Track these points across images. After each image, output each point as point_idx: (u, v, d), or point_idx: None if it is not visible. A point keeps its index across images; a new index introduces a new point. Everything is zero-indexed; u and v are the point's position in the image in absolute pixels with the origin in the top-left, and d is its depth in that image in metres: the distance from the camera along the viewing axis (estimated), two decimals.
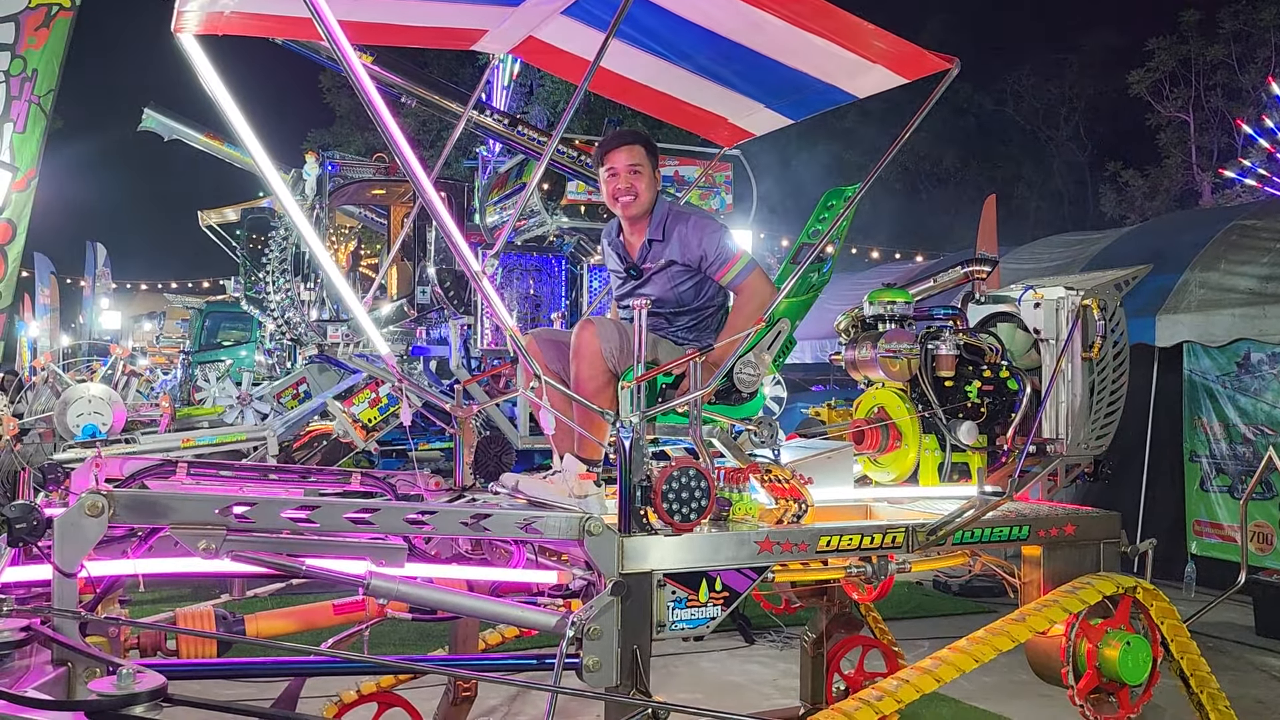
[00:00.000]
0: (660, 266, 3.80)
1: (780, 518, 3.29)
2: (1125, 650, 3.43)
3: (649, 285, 3.85)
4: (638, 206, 3.84)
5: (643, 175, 3.83)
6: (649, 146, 3.87)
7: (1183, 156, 24.51)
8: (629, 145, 3.83)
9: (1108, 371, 4.10)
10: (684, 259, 3.79)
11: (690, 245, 3.78)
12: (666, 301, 3.83)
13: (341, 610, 3.21)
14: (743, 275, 3.78)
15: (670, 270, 3.79)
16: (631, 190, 3.81)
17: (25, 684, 2.21)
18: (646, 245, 3.87)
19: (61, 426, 7.15)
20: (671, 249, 3.81)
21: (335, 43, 2.65)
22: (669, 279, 3.82)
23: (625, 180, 3.79)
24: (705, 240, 3.78)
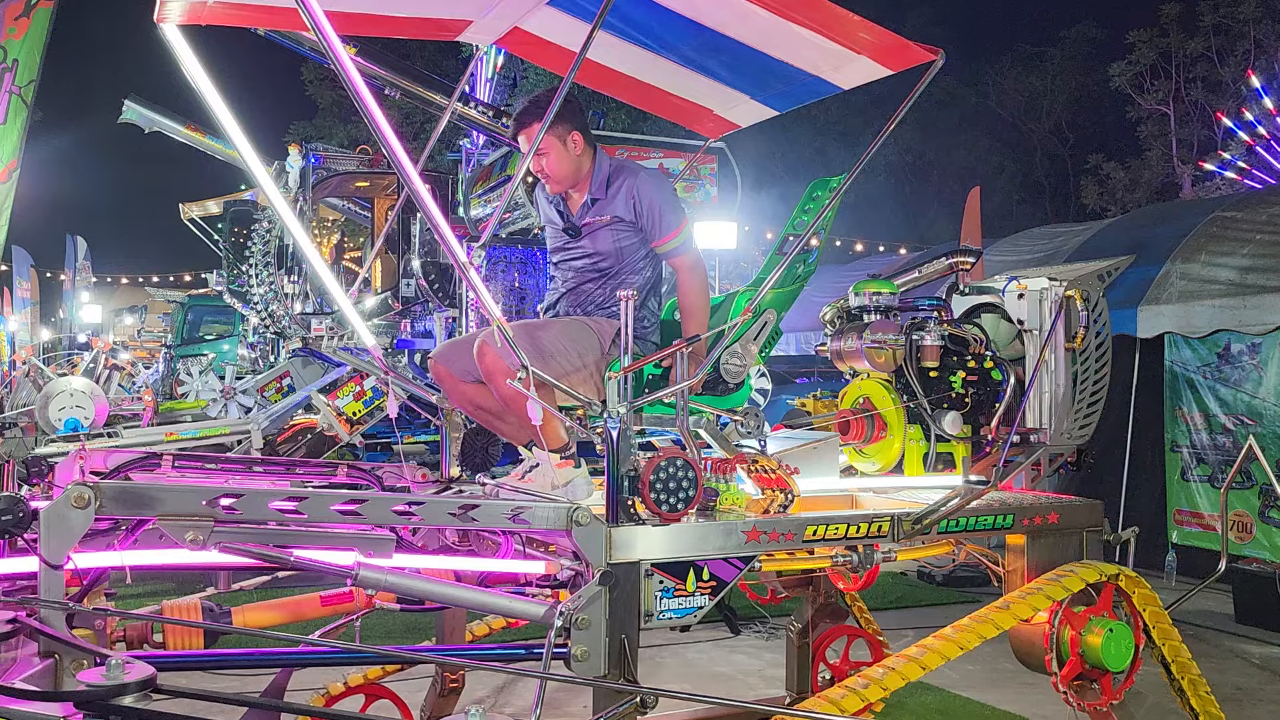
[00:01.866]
0: (603, 223, 3.69)
1: (767, 507, 3.30)
2: (1108, 637, 3.47)
3: (588, 240, 3.74)
4: (558, 184, 3.73)
5: (549, 154, 3.66)
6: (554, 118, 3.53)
7: (1163, 149, 24.67)
8: (523, 129, 3.69)
9: (1090, 362, 4.14)
10: (628, 215, 3.67)
11: (638, 200, 3.66)
12: (606, 255, 3.72)
13: (329, 602, 3.21)
14: (682, 249, 3.68)
15: (614, 225, 3.69)
16: (543, 172, 3.69)
17: (12, 676, 2.21)
18: (589, 203, 3.74)
19: (43, 420, 7.11)
20: (616, 204, 3.68)
21: (321, 32, 2.64)
22: (612, 234, 3.70)
23: (537, 163, 3.66)
24: (655, 197, 3.66)
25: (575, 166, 3.72)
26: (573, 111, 3.70)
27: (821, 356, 4.69)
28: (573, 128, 3.69)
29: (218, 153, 13.07)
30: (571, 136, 3.69)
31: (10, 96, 5.79)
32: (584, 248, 3.76)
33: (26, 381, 8.41)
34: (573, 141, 3.69)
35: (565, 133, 3.67)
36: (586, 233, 3.73)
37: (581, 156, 3.72)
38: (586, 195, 3.74)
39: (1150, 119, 24.90)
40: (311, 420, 8.38)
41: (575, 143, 3.69)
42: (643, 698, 2.64)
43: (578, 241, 3.77)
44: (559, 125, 3.64)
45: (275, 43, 7.89)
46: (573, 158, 3.70)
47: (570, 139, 3.68)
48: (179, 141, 13.11)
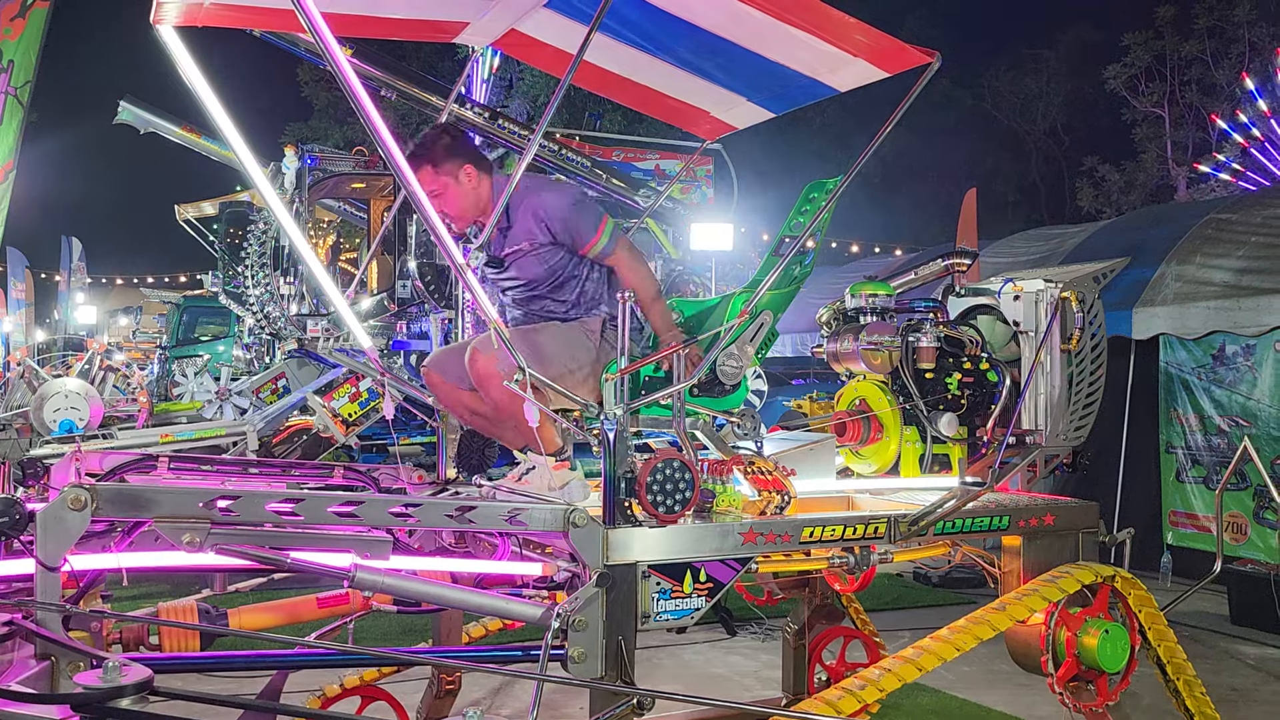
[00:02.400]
0: (524, 251, 3.57)
1: (763, 509, 3.31)
2: (1104, 638, 3.48)
3: (515, 269, 3.62)
4: (460, 220, 3.62)
5: (445, 195, 3.54)
6: (437, 159, 3.52)
7: (1158, 151, 24.72)
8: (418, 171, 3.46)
9: (1086, 363, 4.15)
10: (544, 236, 3.55)
11: (547, 219, 3.54)
12: (540, 280, 3.61)
13: (325, 604, 3.21)
14: (609, 248, 3.58)
15: (535, 251, 3.57)
16: (444, 214, 3.53)
17: (8, 679, 2.20)
18: (499, 236, 3.61)
19: (38, 422, 7.09)
20: (528, 229, 3.56)
21: (317, 33, 2.64)
22: (537, 259, 3.58)
23: (436, 206, 3.45)
24: (561, 210, 3.54)
25: (474, 199, 3.60)
26: (460, 146, 3.60)
27: (817, 358, 4.69)
28: (463, 161, 3.56)
29: (213, 154, 13.03)
30: (464, 171, 3.56)
31: (6, 97, 5.79)
32: (514, 276, 3.64)
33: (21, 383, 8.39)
34: (466, 175, 3.56)
35: (456, 169, 3.54)
36: (510, 261, 3.61)
37: (479, 187, 3.59)
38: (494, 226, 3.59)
39: (1145, 121, 24.96)
40: (307, 422, 8.38)
41: (469, 175, 3.57)
42: (639, 699, 2.65)
43: (506, 271, 3.65)
44: (448, 163, 3.52)
45: (271, 44, 7.88)
46: (469, 191, 3.58)
47: (463, 174, 3.56)
48: (174, 143, 13.07)
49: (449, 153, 3.53)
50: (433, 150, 3.53)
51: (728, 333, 3.50)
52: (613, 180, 9.27)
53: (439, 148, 3.54)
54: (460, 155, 3.56)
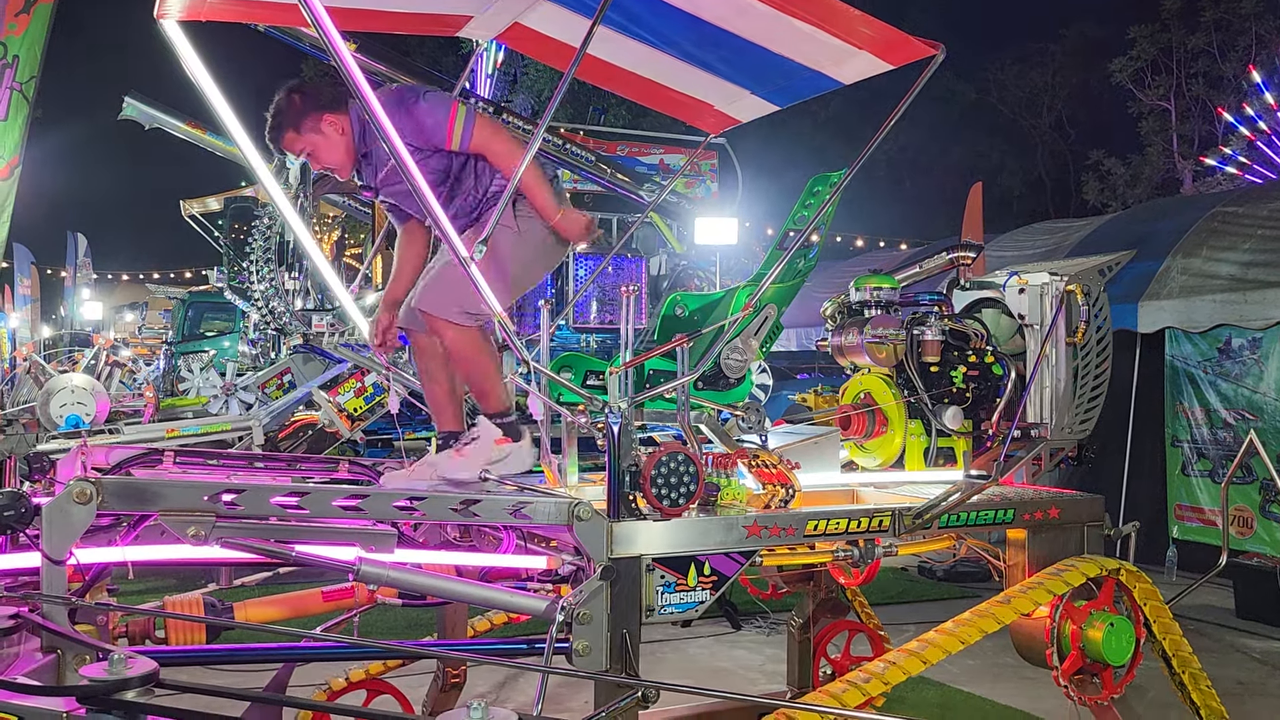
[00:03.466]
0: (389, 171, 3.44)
1: (768, 502, 3.31)
2: (1109, 631, 3.47)
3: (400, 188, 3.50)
4: (344, 169, 3.55)
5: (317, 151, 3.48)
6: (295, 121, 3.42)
7: (1164, 144, 24.63)
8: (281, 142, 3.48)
9: (1091, 356, 4.14)
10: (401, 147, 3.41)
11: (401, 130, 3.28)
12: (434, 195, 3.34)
13: (331, 597, 3.22)
14: (468, 132, 3.40)
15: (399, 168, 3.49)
16: (320, 163, 3.51)
17: (15, 671, 2.21)
18: (361, 159, 3.52)
19: (45, 417, 7.11)
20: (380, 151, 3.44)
21: (322, 27, 2.64)
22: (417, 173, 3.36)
23: (313, 165, 3.53)
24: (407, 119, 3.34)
25: (345, 142, 3.49)
26: (309, 99, 3.47)
27: (822, 352, 4.69)
28: (320, 112, 3.45)
29: (218, 149, 13.05)
30: (324, 121, 3.45)
31: (11, 93, 5.79)
32: (401, 199, 3.57)
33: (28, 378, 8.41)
34: (328, 125, 3.46)
35: (316, 123, 3.45)
36: (393, 183, 3.51)
37: (345, 131, 3.48)
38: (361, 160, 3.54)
39: (1151, 114, 24.86)
40: (313, 417, 8.39)
41: (331, 124, 3.46)
42: (644, 692, 2.65)
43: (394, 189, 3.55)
44: (306, 120, 3.44)
45: (275, 39, 7.88)
46: (338, 139, 3.48)
47: (324, 125, 3.46)
48: (179, 138, 13.10)
49: (305, 110, 3.43)
50: (287, 114, 3.43)
51: (732, 326, 3.50)
52: (617, 175, 9.27)
53: (295, 109, 3.44)
54: (313, 107, 3.45)
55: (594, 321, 8.79)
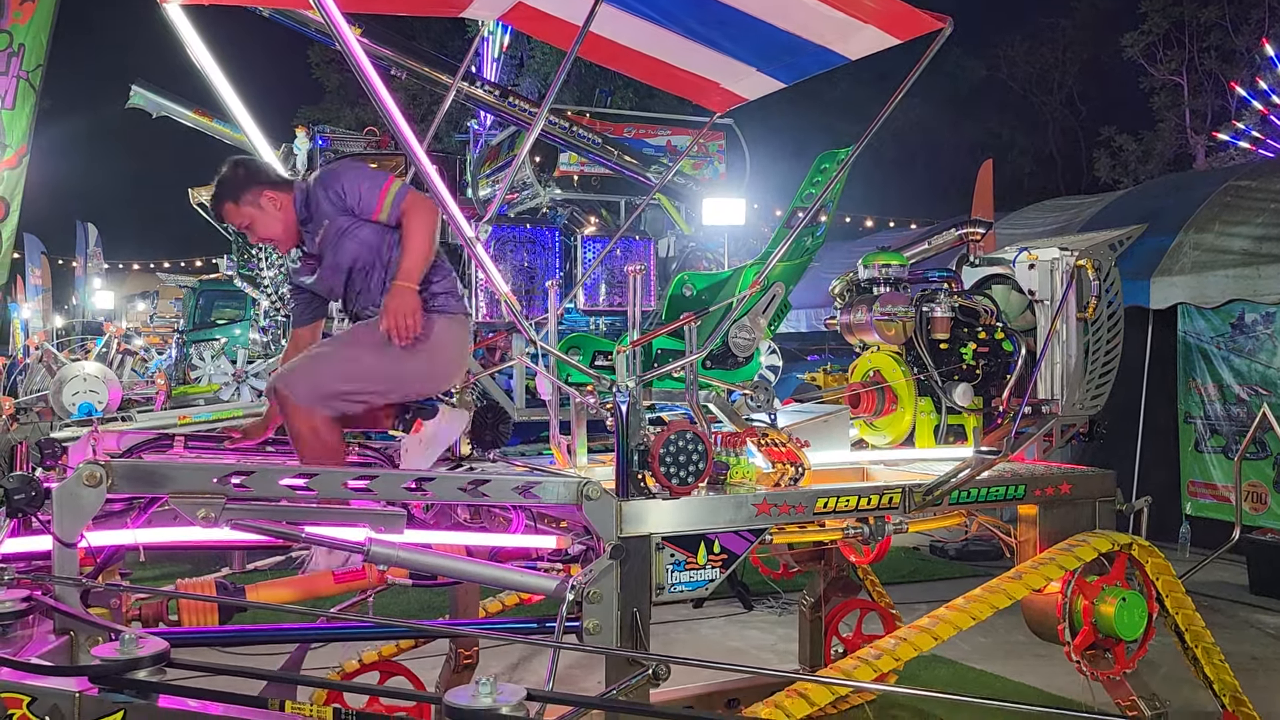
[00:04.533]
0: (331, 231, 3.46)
1: (777, 481, 3.30)
2: (1121, 606, 3.46)
3: (330, 255, 3.50)
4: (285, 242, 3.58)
5: (255, 224, 3.50)
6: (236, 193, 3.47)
7: (1177, 120, 24.41)
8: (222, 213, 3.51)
9: (1102, 331, 4.11)
10: (338, 211, 3.46)
11: (334, 191, 3.45)
12: (355, 257, 3.47)
13: (342, 579, 3.22)
14: (397, 205, 3.43)
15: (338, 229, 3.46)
16: (258, 236, 3.54)
17: (29, 653, 2.23)
18: (309, 233, 3.53)
19: (57, 405, 7.15)
20: (323, 211, 3.47)
21: (326, 11, 2.63)
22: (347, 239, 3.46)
23: (253, 237, 3.56)
24: (343, 180, 3.45)
25: (285, 217, 3.52)
26: (253, 174, 3.54)
27: (832, 332, 4.67)
28: (261, 188, 3.50)
29: (225, 137, 13.05)
30: (264, 197, 3.49)
31: (18, 82, 5.79)
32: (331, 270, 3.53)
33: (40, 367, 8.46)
34: (268, 200, 3.49)
35: (256, 197, 3.48)
36: (327, 251, 3.51)
37: (285, 207, 3.52)
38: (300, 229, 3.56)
39: (1163, 89, 24.62)
40: None
41: (270, 200, 3.50)
42: (655, 669, 2.66)
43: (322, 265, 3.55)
44: (247, 193, 3.48)
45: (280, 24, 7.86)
46: (275, 215, 3.51)
47: (264, 200, 3.49)
48: (187, 126, 13.10)
49: (245, 184, 3.48)
50: (230, 185, 3.49)
51: (739, 304, 3.48)
52: (624, 157, 9.23)
53: (235, 182, 3.49)
54: (255, 183, 3.49)
55: (603, 304, 8.77)
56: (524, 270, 8.49)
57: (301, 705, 1.78)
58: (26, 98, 5.98)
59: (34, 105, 6.02)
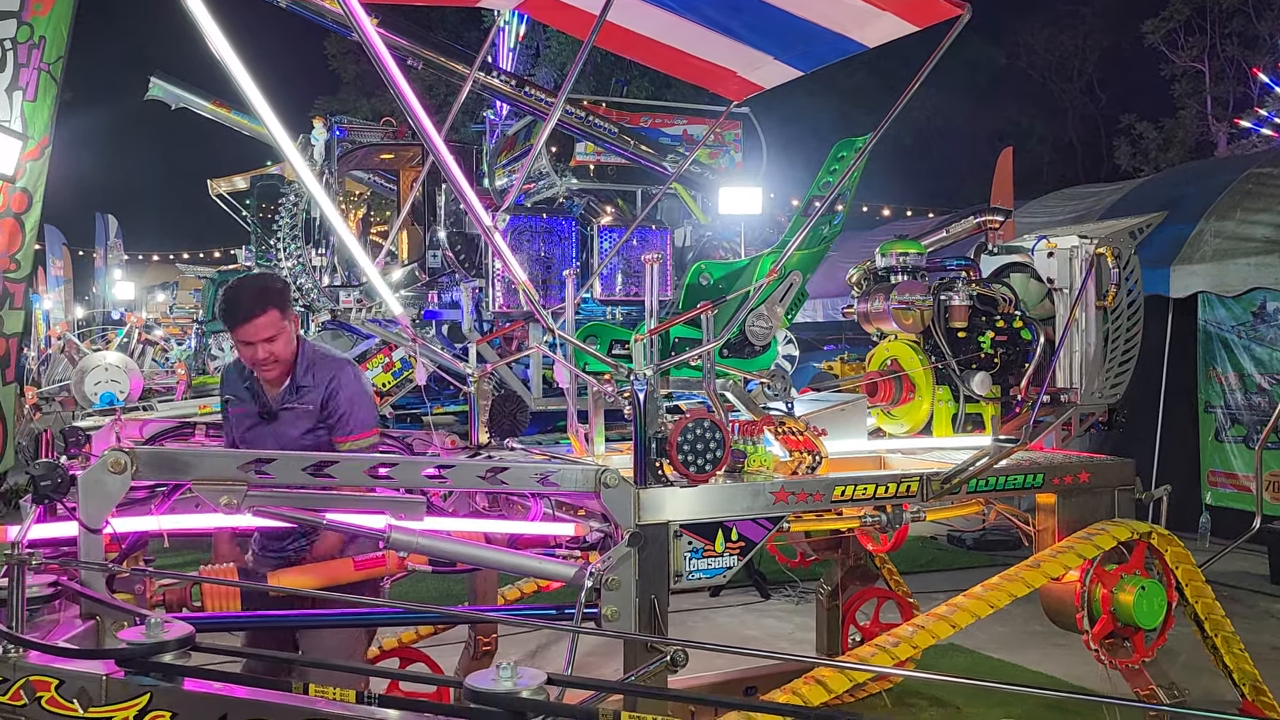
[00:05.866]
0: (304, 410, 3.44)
1: (795, 469, 3.31)
2: (1140, 595, 3.46)
3: (284, 426, 3.46)
4: (280, 370, 3.45)
5: (279, 336, 3.39)
6: (278, 302, 3.40)
7: (1198, 107, 24.16)
8: (256, 317, 3.33)
9: (1122, 319, 4.09)
10: (324, 408, 3.46)
11: (338, 392, 3.45)
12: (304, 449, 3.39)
13: (362, 566, 3.25)
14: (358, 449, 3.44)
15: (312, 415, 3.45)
16: (271, 356, 3.39)
17: (56, 637, 2.26)
18: (289, 387, 3.47)
19: (80, 394, 7.22)
20: (315, 394, 3.46)
21: (346, 3, 2.64)
22: (309, 424, 3.46)
23: (263, 351, 3.37)
24: (354, 396, 3.48)
25: (293, 348, 3.48)
26: (287, 293, 3.55)
27: (849, 321, 4.67)
28: (290, 309, 3.47)
29: (243, 128, 13.11)
30: (290, 317, 3.46)
31: (39, 74, 5.82)
32: (275, 436, 3.46)
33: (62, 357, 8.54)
34: (291, 322, 3.46)
35: (287, 314, 3.43)
36: (286, 417, 3.46)
37: (294, 338, 3.50)
38: (289, 380, 3.48)
39: (1184, 76, 24.37)
40: None
41: (293, 323, 3.48)
42: (674, 656, 2.67)
43: (268, 425, 3.48)
44: (288, 308, 3.43)
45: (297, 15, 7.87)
46: (292, 339, 3.47)
47: (290, 319, 3.45)
48: (205, 118, 13.16)
49: (285, 299, 3.46)
50: (273, 294, 3.44)
51: (756, 292, 3.48)
52: (640, 146, 9.21)
53: (277, 292, 3.47)
54: (289, 303, 3.49)
55: (619, 293, 8.77)
56: (540, 260, 8.48)
57: (324, 689, 1.81)
58: (48, 90, 6.00)
59: (55, 97, 6.04)
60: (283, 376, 3.48)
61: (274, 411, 3.47)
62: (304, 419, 3.45)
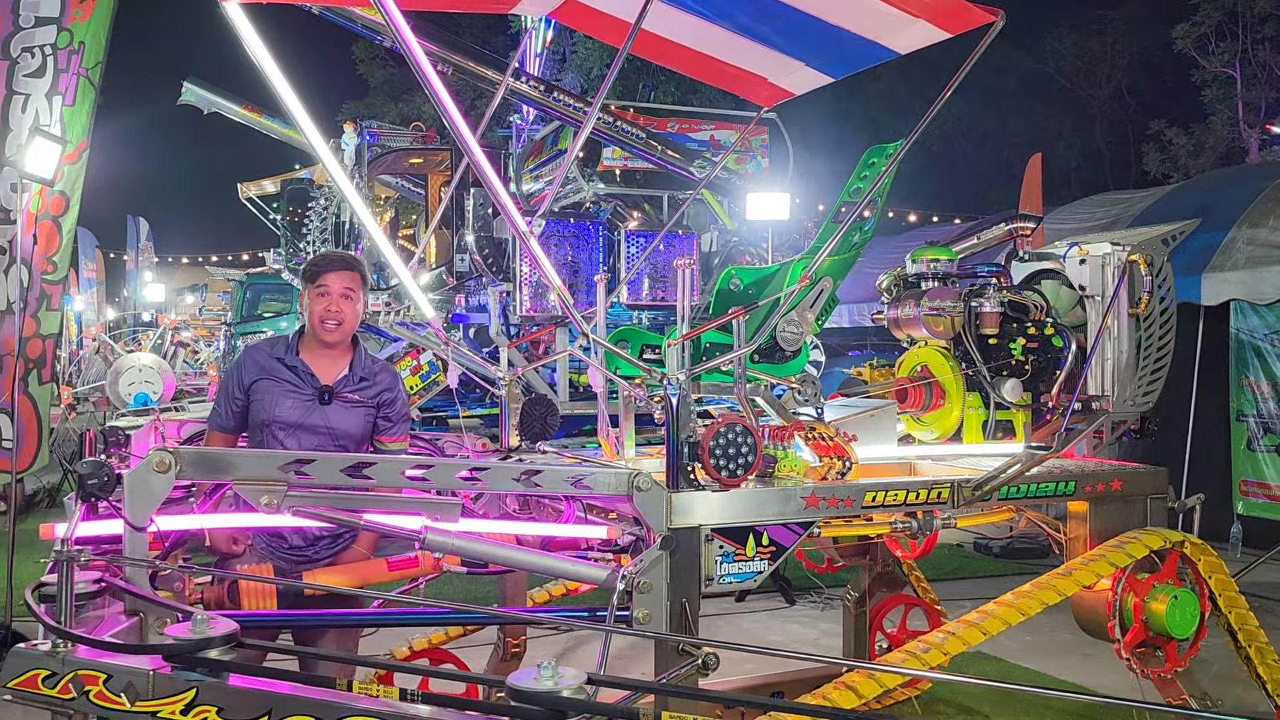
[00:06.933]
0: (363, 402, 3.51)
1: (825, 474, 3.31)
2: (1172, 604, 3.44)
3: (336, 413, 3.47)
4: (342, 333, 3.50)
5: (354, 301, 3.50)
6: (364, 275, 3.57)
7: (1229, 113, 23.90)
8: (346, 270, 3.50)
9: (1154, 327, 4.07)
10: (383, 407, 3.55)
11: (395, 396, 3.59)
12: (349, 436, 3.49)
13: (395, 567, 3.28)
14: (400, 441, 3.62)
15: (368, 409, 3.52)
16: (340, 315, 3.46)
17: (101, 633, 2.30)
18: (350, 375, 3.52)
19: (114, 395, 7.32)
20: (376, 389, 3.54)
21: (386, 10, 2.68)
22: (364, 416, 3.52)
23: (336, 304, 3.45)
24: (405, 403, 3.64)
25: (355, 325, 3.57)
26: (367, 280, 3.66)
27: (875, 328, 4.67)
28: (368, 290, 3.61)
29: (273, 132, 13.23)
30: (366, 295, 3.60)
31: (78, 79, 5.92)
32: (327, 420, 3.46)
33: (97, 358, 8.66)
34: (363, 300, 3.58)
35: (365, 288, 3.58)
36: (339, 405, 3.48)
37: (360, 316, 3.58)
38: (347, 365, 3.53)
39: (1215, 82, 24.13)
40: None
41: (363, 306, 3.59)
42: (705, 659, 2.69)
43: (322, 409, 3.46)
44: (364, 283, 3.55)
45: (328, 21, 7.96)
46: (359, 318, 3.56)
47: (365, 297, 3.59)
48: (236, 122, 13.30)
49: (367, 278, 3.65)
50: (361, 266, 3.61)
51: (788, 299, 3.50)
52: (668, 151, 9.24)
53: (363, 266, 3.63)
54: (368, 283, 3.65)
55: (646, 298, 8.80)
56: (568, 264, 8.52)
57: (368, 685, 1.83)
58: (86, 94, 6.11)
59: (94, 102, 6.15)
60: (340, 350, 3.53)
61: (333, 394, 3.47)
62: (360, 410, 3.51)
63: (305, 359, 3.50)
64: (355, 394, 3.50)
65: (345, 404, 3.48)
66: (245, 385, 3.45)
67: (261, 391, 3.44)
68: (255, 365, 3.49)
